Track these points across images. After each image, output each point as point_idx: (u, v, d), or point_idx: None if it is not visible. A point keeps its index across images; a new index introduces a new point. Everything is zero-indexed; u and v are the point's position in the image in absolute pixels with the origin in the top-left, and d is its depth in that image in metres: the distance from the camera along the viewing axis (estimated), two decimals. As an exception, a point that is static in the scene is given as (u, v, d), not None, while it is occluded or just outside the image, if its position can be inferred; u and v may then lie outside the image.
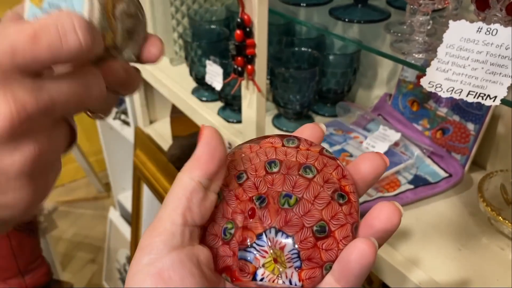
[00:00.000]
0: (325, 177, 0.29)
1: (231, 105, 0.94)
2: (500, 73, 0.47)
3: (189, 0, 1.15)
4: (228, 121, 0.94)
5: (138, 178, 1.28)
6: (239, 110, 0.90)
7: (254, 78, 0.71)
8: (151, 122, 1.36)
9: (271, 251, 0.27)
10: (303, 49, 0.91)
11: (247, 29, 0.67)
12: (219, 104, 0.99)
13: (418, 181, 0.75)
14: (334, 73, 0.91)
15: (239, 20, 0.66)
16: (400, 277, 0.60)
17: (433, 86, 0.50)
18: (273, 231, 0.28)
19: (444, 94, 0.50)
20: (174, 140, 1.16)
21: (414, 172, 0.77)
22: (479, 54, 0.49)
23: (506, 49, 0.47)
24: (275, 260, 0.27)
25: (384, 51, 0.57)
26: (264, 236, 0.28)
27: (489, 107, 0.73)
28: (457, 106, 0.78)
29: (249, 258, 0.27)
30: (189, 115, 1.03)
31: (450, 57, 0.50)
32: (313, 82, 0.86)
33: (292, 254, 0.27)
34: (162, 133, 1.30)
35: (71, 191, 2.71)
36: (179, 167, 1.15)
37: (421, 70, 0.53)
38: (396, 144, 0.81)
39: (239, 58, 0.69)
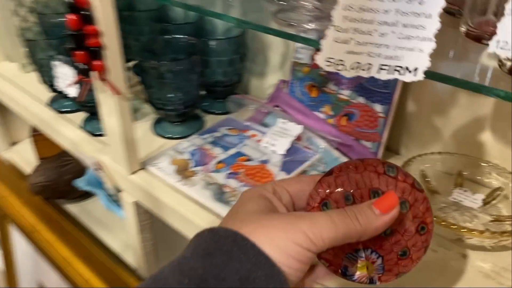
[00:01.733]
0: (414, 212, 0.36)
1: (96, 114, 0.75)
2: (418, 36, 0.35)
3: (33, -11, 0.92)
4: (95, 135, 0.75)
5: (2, 217, 1.03)
6: (106, 120, 0.72)
7: (106, 77, 0.54)
8: (12, 143, 1.11)
9: (365, 261, 0.37)
10: (177, 36, 0.75)
11: (84, 13, 0.49)
12: (83, 115, 0.79)
13: (329, 181, 0.62)
14: (219, 62, 0.76)
15: (69, 0, 0.47)
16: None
17: (332, 64, 0.37)
18: (369, 250, 0.37)
19: (348, 74, 0.37)
20: (38, 164, 0.94)
21: (322, 169, 0.65)
22: (387, 14, 0.36)
23: (421, 4, 0.35)
24: (367, 268, 0.37)
25: (265, 25, 0.43)
26: (362, 251, 0.37)
27: (396, 83, 0.63)
28: (361, 86, 0.67)
29: (348, 260, 0.37)
30: (48, 135, 0.82)
31: (350, 22, 0.37)
32: (194, 75, 0.70)
33: (379, 267, 0.37)
34: (26, 156, 1.06)
35: None
36: (47, 197, 0.93)
37: (315, 45, 0.39)
38: (299, 138, 0.69)
39: (80, 52, 0.50)
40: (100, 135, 0.74)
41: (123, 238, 0.85)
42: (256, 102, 0.77)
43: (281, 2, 0.46)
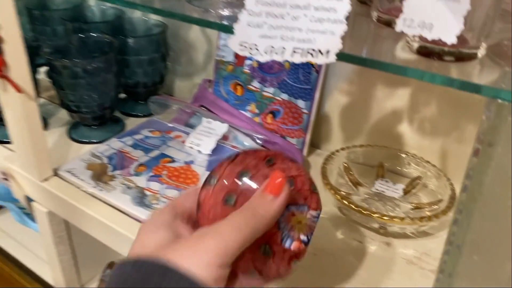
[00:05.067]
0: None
1: (1, 119, 0.69)
2: (329, 19, 0.35)
3: None
4: (2, 142, 0.68)
5: None
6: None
7: (7, 74, 0.49)
8: None
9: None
10: (93, 34, 0.70)
11: (-25, 0, 0.44)
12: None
13: (256, 178, 0.61)
14: (138, 61, 0.72)
15: (-44, -15, 0.42)
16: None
17: (246, 48, 0.36)
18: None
19: (262, 58, 0.35)
20: None
21: (249, 168, 0.64)
22: (298, -3, 0.36)
23: (330, -13, 0.35)
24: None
25: (179, 12, 0.41)
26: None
27: (316, 78, 0.64)
28: (284, 83, 0.66)
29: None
30: None
31: (263, 6, 0.36)
32: (110, 74, 0.66)
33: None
34: None
35: None
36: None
37: (230, 31, 0.38)
38: (225, 137, 0.67)
39: (-27, 46, 0.45)
40: (8, 142, 0.68)
41: (39, 253, 0.78)
42: (180, 102, 0.74)
43: (194, -10, 0.44)
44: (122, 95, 0.77)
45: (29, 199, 0.63)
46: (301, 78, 0.65)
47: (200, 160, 0.63)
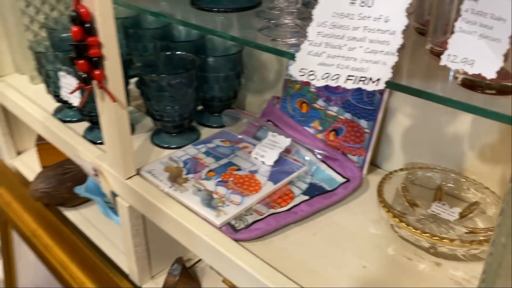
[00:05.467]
0: None
1: (97, 123, 0.79)
2: (382, 51, 0.39)
3: (46, 7, 0.98)
4: (95, 143, 0.79)
5: (5, 223, 1.07)
6: (107, 129, 0.75)
7: (105, 85, 0.58)
8: (18, 153, 1.16)
9: None
10: (177, 52, 0.79)
11: (87, 25, 0.53)
12: (86, 125, 0.83)
13: (314, 190, 0.65)
14: (216, 78, 0.80)
15: (73, 13, 0.52)
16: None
17: (305, 74, 0.41)
18: None
19: (318, 83, 0.40)
20: (40, 171, 0.97)
21: (309, 181, 0.68)
22: (356, 30, 0.40)
23: (386, 22, 0.39)
24: None
25: (251, 39, 0.47)
26: None
27: (380, 100, 0.67)
28: (348, 103, 0.70)
29: None
30: (51, 142, 0.86)
31: (323, 37, 0.41)
32: (190, 89, 0.74)
33: None
34: (31, 164, 1.10)
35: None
36: (47, 204, 0.97)
37: (291, 57, 0.43)
38: (288, 151, 0.72)
39: (81, 62, 0.55)
40: (101, 143, 0.78)
41: (118, 244, 0.88)
42: (250, 116, 0.80)
43: (267, 20, 0.50)
44: (199, 107, 0.85)
45: (114, 194, 0.73)
46: (365, 99, 0.68)
47: (263, 170, 0.68)
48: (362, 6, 0.40)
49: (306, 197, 0.64)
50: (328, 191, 0.65)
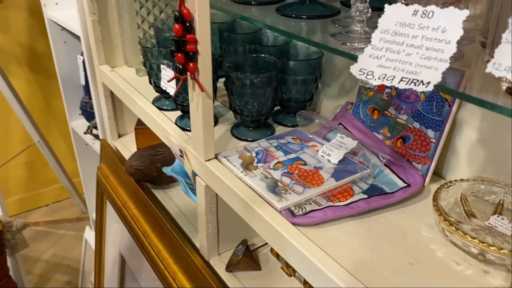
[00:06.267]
0: None
1: (187, 112, 0.90)
2: (436, 58, 0.43)
3: (156, 9, 1.12)
4: (184, 129, 0.89)
5: (101, 193, 1.23)
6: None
7: (197, 77, 0.67)
8: (120, 135, 1.32)
9: None
10: (262, 55, 0.88)
11: (187, 24, 0.63)
12: (178, 113, 0.95)
13: (373, 191, 0.69)
14: (295, 80, 0.87)
15: (177, 13, 0.62)
16: (341, 291, 0.54)
17: (364, 73, 0.46)
18: None
19: (375, 82, 0.45)
20: (136, 151, 1.11)
21: (370, 182, 0.72)
22: (415, 38, 0.45)
23: (443, 32, 0.43)
24: None
25: (321, 42, 0.53)
26: None
27: (448, 112, 0.69)
28: (417, 112, 0.73)
29: None
30: (148, 125, 0.99)
31: (385, 43, 0.46)
32: (269, 88, 0.82)
33: None
34: (128, 146, 1.26)
35: (54, 211, 2.64)
36: (138, 179, 1.10)
37: (354, 59, 0.48)
38: (354, 153, 0.76)
39: (179, 55, 0.65)
40: (188, 130, 0.88)
41: (193, 222, 0.98)
42: (322, 118, 0.86)
43: (341, 27, 0.56)
44: (277, 108, 0.93)
45: (194, 174, 0.83)
46: (434, 110, 0.71)
47: (327, 168, 0.74)
48: (423, 17, 0.44)
49: (365, 196, 0.68)
50: (387, 193, 0.69)
